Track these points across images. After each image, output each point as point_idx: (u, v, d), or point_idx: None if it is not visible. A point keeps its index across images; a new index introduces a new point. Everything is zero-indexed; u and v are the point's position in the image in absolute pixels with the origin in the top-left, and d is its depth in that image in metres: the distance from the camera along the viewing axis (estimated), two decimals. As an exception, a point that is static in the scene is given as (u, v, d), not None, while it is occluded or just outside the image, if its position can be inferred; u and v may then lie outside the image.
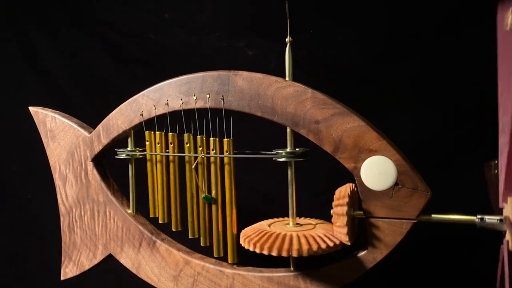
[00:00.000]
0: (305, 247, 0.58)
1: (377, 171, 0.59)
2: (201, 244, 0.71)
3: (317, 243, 0.59)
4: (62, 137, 0.80)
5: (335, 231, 0.59)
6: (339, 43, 0.88)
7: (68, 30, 1.05)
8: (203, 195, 0.69)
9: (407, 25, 0.84)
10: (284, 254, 0.58)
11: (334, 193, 0.60)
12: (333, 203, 0.59)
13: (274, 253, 0.58)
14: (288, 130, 0.64)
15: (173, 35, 1.00)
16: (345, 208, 0.57)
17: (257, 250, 0.59)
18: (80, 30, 1.05)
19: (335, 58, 0.89)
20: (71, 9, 1.05)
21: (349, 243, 0.59)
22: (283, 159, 0.64)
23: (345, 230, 0.58)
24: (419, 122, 0.84)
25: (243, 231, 0.65)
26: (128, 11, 1.02)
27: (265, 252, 0.59)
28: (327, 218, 0.67)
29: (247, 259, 0.70)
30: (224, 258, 0.70)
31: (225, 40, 0.97)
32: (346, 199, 0.58)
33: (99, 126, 0.76)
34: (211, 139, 0.68)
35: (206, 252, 0.73)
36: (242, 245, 0.63)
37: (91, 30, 1.04)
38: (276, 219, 0.70)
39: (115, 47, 1.03)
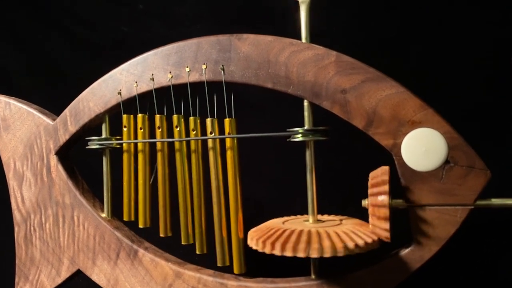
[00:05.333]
0: (339, 244, 0.45)
1: (423, 147, 0.47)
2: (197, 252, 0.57)
3: (353, 239, 0.46)
4: (19, 127, 0.65)
5: (372, 226, 0.47)
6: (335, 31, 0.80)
7: (29, 21, 0.94)
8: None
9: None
10: (314, 254, 0.45)
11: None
12: (369, 192, 0.47)
13: (300, 254, 0.45)
14: (305, 104, 0.52)
15: (149, 27, 0.90)
16: (385, 198, 0.46)
17: (277, 252, 0.46)
18: (43, 21, 0.93)
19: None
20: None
21: (389, 240, 0.47)
22: (300, 139, 0.52)
23: (386, 225, 0.46)
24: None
25: (251, 230, 0.52)
26: (97, 0, 0.92)
27: (289, 254, 0.45)
28: (349, 214, 0.56)
29: (251, 268, 0.58)
30: (225, 268, 0.56)
31: (208, 34, 0.87)
32: (386, 187, 0.46)
33: (66, 111, 0.62)
34: (208, 120, 0.56)
35: (201, 261, 0.60)
36: (254, 247, 0.49)
37: (56, 21, 0.93)
38: (288, 217, 0.57)
39: (82, 41, 0.92)
